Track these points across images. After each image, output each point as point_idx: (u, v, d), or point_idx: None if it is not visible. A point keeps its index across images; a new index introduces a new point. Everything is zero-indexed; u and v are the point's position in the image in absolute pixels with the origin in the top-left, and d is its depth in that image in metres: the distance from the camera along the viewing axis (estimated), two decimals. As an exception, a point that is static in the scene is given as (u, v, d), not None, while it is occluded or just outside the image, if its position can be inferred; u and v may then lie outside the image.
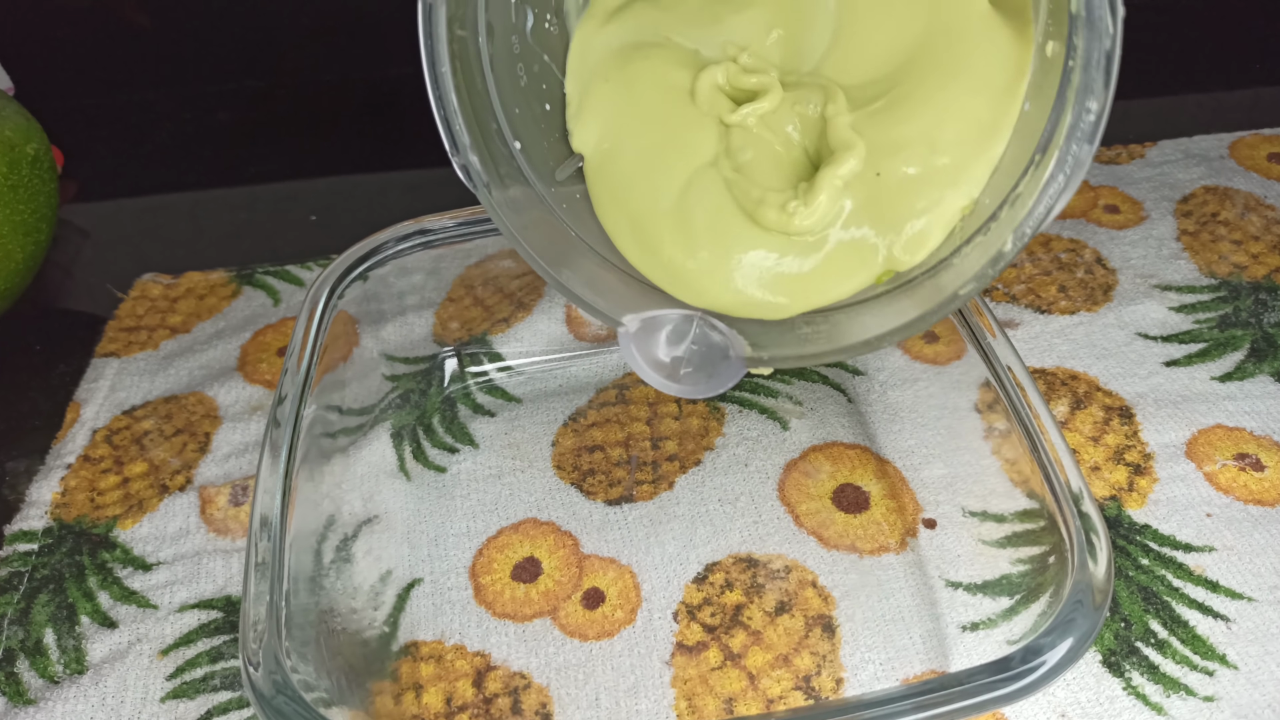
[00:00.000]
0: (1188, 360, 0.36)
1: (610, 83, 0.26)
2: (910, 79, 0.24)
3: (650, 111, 0.26)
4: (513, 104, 0.26)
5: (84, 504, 0.34)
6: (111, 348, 0.40)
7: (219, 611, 0.30)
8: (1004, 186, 0.23)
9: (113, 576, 0.32)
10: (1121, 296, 0.39)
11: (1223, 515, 0.31)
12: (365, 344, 0.34)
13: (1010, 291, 0.39)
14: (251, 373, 0.38)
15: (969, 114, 0.24)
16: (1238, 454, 0.33)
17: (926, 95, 0.24)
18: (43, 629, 0.30)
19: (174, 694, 0.28)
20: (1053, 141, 0.21)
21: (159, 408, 0.37)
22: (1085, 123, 0.19)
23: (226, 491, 0.34)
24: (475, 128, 0.25)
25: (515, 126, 0.26)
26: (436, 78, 0.24)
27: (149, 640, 0.30)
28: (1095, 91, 0.18)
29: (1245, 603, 0.29)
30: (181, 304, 0.42)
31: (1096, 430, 0.34)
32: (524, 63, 0.27)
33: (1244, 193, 0.43)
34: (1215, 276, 0.39)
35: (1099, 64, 0.18)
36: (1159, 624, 0.29)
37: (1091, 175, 0.45)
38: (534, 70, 0.27)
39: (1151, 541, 0.31)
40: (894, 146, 0.24)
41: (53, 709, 0.28)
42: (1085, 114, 0.18)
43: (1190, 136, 0.47)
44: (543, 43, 0.27)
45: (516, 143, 0.26)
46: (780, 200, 0.25)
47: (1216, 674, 0.27)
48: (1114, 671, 0.28)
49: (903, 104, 0.24)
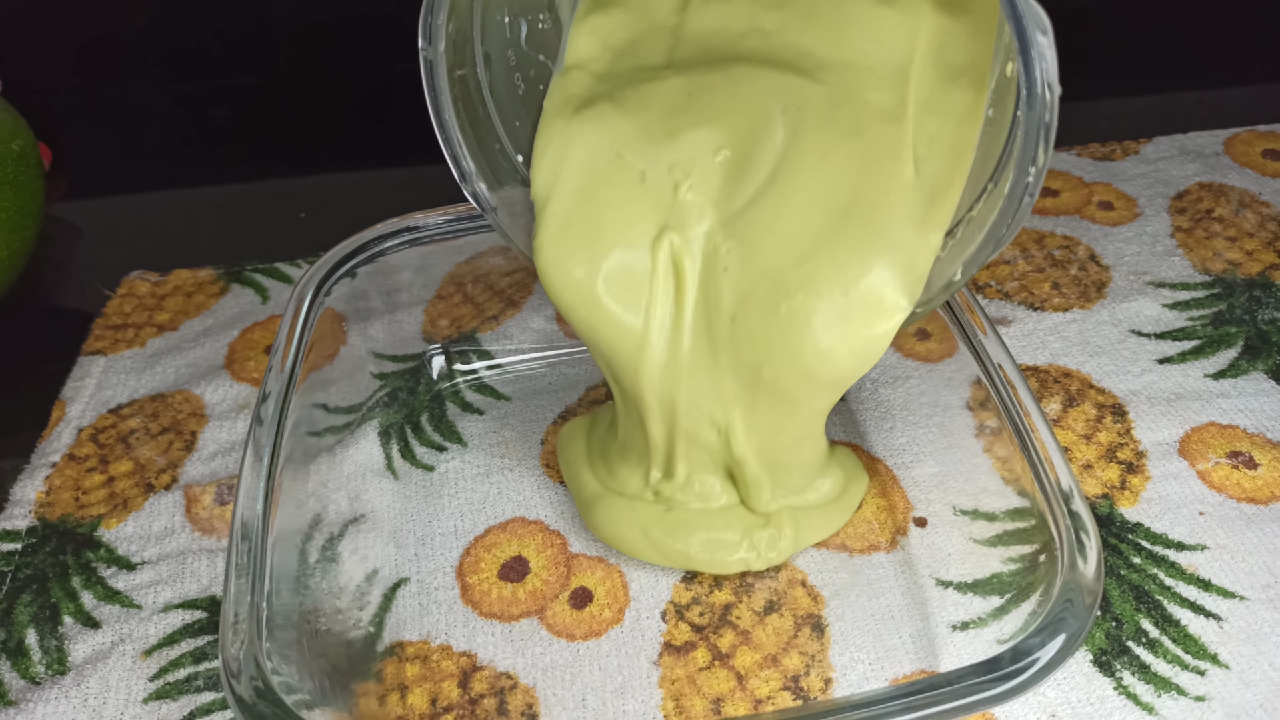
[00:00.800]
0: (1181, 358, 0.36)
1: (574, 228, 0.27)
2: (824, 249, 0.25)
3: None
4: (512, 117, 0.28)
5: (68, 503, 0.33)
6: (98, 345, 0.39)
7: (203, 612, 0.30)
8: (961, 209, 0.25)
9: (96, 576, 0.31)
10: (1115, 293, 0.39)
11: (1215, 513, 0.31)
12: (353, 342, 0.34)
13: (1003, 288, 0.39)
14: (239, 371, 0.38)
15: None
16: (1231, 452, 0.32)
17: (830, 275, 0.25)
18: (25, 629, 0.30)
19: (157, 695, 0.28)
20: (1000, 191, 0.23)
21: (145, 406, 0.37)
22: (1025, 182, 0.21)
23: (212, 491, 0.33)
24: (480, 155, 0.26)
25: (516, 139, 0.28)
26: (443, 124, 0.25)
27: (132, 641, 0.29)
28: (1036, 159, 0.20)
29: (1237, 602, 0.29)
30: (169, 301, 0.41)
31: (1089, 428, 0.34)
32: (520, 71, 0.28)
33: (1239, 189, 0.43)
34: (1209, 273, 0.39)
35: (1040, 135, 0.20)
36: (1150, 623, 0.28)
37: (1086, 171, 0.45)
38: (530, 75, 0.28)
39: (1143, 540, 0.30)
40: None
41: (33, 710, 0.28)
42: (1026, 175, 0.21)
43: (1185, 133, 0.47)
44: (538, 45, 0.28)
45: (519, 155, 0.27)
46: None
47: (1208, 674, 0.27)
48: (1105, 671, 0.27)
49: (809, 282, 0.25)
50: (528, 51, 0.28)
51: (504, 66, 0.27)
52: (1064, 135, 0.47)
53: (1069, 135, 0.48)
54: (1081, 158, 0.46)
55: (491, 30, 0.26)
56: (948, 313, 0.31)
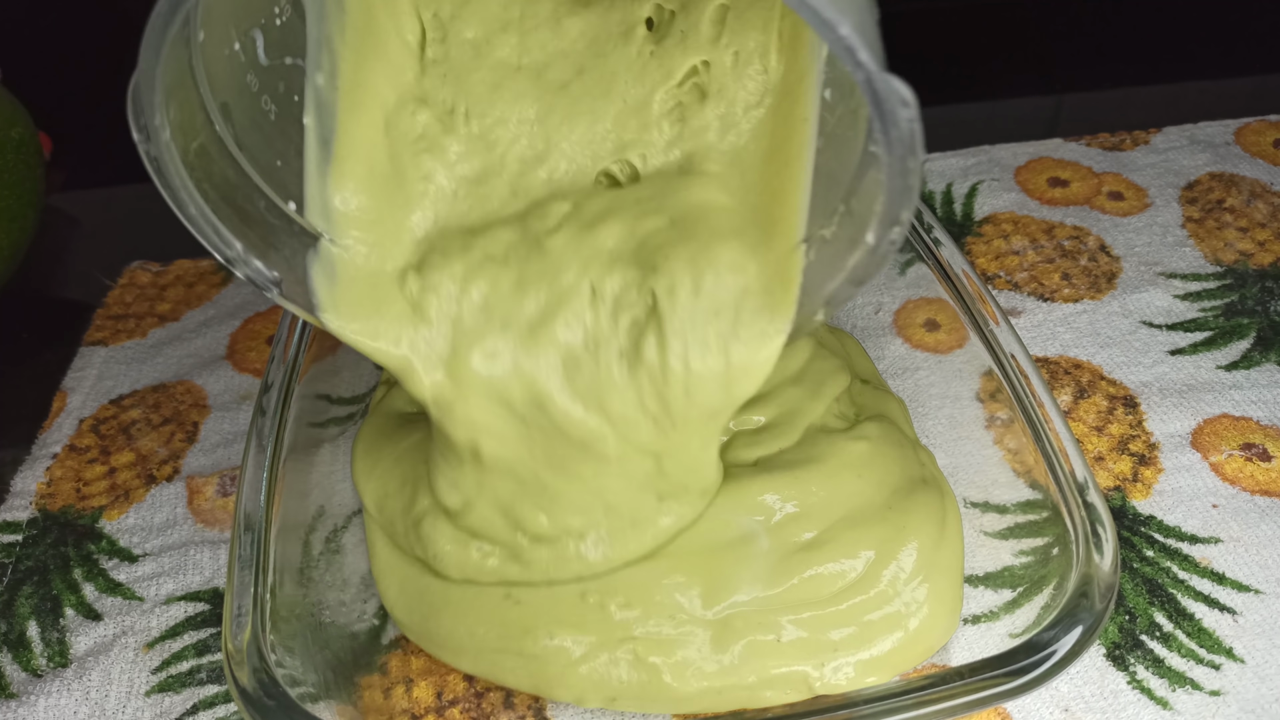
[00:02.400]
0: (1193, 349, 0.35)
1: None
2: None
3: None
4: (272, 158, 0.23)
5: (70, 494, 0.33)
6: (99, 336, 0.39)
7: (206, 604, 0.30)
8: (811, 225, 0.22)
9: (98, 568, 0.31)
10: (1126, 284, 0.38)
11: (1229, 506, 0.30)
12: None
13: (1013, 279, 0.39)
14: (241, 361, 0.38)
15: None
16: (1244, 443, 0.32)
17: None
18: (26, 621, 0.30)
19: (159, 687, 0.28)
20: (854, 219, 0.20)
21: (147, 397, 0.36)
22: (889, 240, 0.18)
23: (214, 482, 0.33)
24: (244, 226, 0.22)
25: (281, 184, 0.23)
26: (190, 218, 0.21)
27: (134, 633, 0.29)
28: (899, 219, 0.18)
29: (1252, 595, 0.28)
30: (170, 292, 0.41)
31: (1100, 420, 0.33)
32: (267, 93, 0.23)
33: (1250, 179, 0.43)
34: (1221, 264, 0.39)
35: (902, 199, 0.18)
36: (1164, 617, 0.28)
37: (1095, 162, 0.44)
38: (281, 91, 0.23)
39: (1156, 533, 0.30)
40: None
41: (35, 703, 0.27)
42: (889, 233, 0.18)
43: (1195, 123, 0.46)
44: (280, 48, 0.23)
45: (290, 203, 0.23)
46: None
47: (1223, 668, 0.27)
48: (1118, 665, 0.27)
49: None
50: (270, 64, 0.23)
51: (247, 103, 0.22)
52: (1073, 125, 0.47)
53: (1078, 125, 0.47)
54: (1091, 148, 0.45)
55: (220, 73, 0.21)
56: (958, 303, 0.30)
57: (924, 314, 0.35)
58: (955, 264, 0.31)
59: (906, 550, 0.26)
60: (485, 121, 0.25)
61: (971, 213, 0.42)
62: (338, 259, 0.23)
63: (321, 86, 0.23)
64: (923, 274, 0.32)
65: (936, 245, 0.32)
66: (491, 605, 0.26)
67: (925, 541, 0.26)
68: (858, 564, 0.26)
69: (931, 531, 0.26)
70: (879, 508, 0.27)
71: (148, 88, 0.18)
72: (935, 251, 0.31)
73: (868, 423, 0.30)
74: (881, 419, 0.30)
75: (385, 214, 0.24)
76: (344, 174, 0.23)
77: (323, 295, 0.23)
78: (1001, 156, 0.45)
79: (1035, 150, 0.45)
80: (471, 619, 0.26)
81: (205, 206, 0.21)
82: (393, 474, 0.29)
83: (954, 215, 0.42)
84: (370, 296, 0.24)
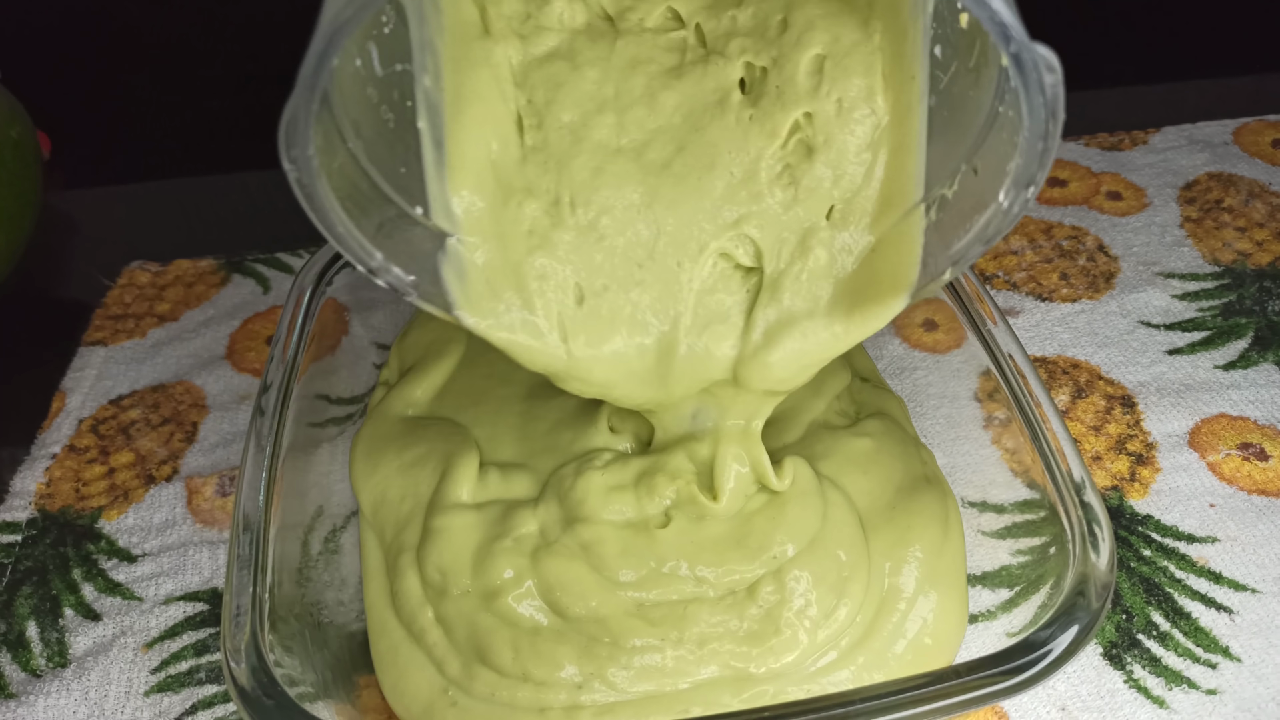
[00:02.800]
0: (1191, 349, 0.36)
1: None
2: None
3: None
4: (397, 166, 0.23)
5: (69, 494, 0.33)
6: (99, 336, 0.39)
7: (205, 604, 0.30)
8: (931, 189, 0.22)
9: (97, 568, 0.31)
10: (1124, 284, 0.38)
11: (1226, 506, 0.31)
12: (355, 331, 0.34)
13: (1011, 279, 0.39)
14: (240, 361, 0.38)
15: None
16: (1241, 443, 0.32)
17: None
18: (25, 621, 0.30)
19: (158, 687, 0.28)
20: (982, 180, 0.20)
21: (146, 397, 0.36)
22: (1024, 198, 0.19)
23: (214, 482, 0.33)
24: (380, 236, 0.22)
25: (409, 189, 0.23)
26: (339, 237, 0.21)
27: (133, 633, 0.29)
28: (1035, 179, 0.18)
29: (1249, 594, 0.28)
30: (170, 292, 0.41)
31: (1098, 419, 0.33)
32: (385, 103, 0.23)
33: (1248, 179, 0.43)
34: (1219, 264, 0.39)
35: (1040, 156, 0.18)
36: (1161, 616, 0.28)
37: (1094, 162, 0.44)
38: (395, 98, 0.24)
39: (1154, 532, 0.30)
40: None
41: (34, 703, 0.27)
42: (1024, 193, 0.19)
43: (1194, 123, 0.46)
44: (391, 55, 0.23)
45: (417, 208, 0.23)
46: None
47: (1220, 667, 0.27)
48: (1115, 664, 0.27)
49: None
50: (384, 74, 0.23)
51: (370, 116, 0.23)
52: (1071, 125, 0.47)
53: (1076, 125, 0.47)
54: (1089, 148, 0.45)
55: (348, 91, 0.21)
56: (956, 303, 0.30)
57: (922, 313, 0.35)
58: (953, 264, 0.31)
59: (911, 556, 0.26)
60: (590, 211, 0.25)
61: (970, 212, 0.42)
62: (465, 258, 0.23)
63: (429, 88, 0.23)
64: (920, 274, 0.32)
65: (934, 245, 0.32)
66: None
67: (929, 545, 0.26)
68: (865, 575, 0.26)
69: (936, 535, 0.27)
70: (884, 508, 0.27)
71: (305, 121, 0.19)
72: (933, 251, 0.32)
73: (869, 420, 0.30)
74: (883, 416, 0.30)
75: (500, 215, 0.24)
76: (459, 180, 0.23)
77: (456, 293, 0.23)
78: (1000, 156, 0.45)
79: (1033, 150, 0.45)
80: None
81: (350, 224, 0.21)
82: (393, 483, 0.29)
83: (952, 215, 0.42)
84: (498, 291, 0.24)
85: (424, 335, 0.34)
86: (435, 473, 0.28)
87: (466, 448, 0.28)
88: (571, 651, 0.24)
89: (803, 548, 0.26)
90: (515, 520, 0.26)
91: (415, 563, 0.27)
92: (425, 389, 0.32)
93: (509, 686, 0.25)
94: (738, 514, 0.26)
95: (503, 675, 0.25)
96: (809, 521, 0.26)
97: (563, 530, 0.26)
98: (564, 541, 0.26)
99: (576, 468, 0.27)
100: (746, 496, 0.26)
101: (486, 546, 0.26)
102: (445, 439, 0.29)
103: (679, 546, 0.26)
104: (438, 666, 0.25)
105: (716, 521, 0.26)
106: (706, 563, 0.25)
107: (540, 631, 0.25)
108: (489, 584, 0.25)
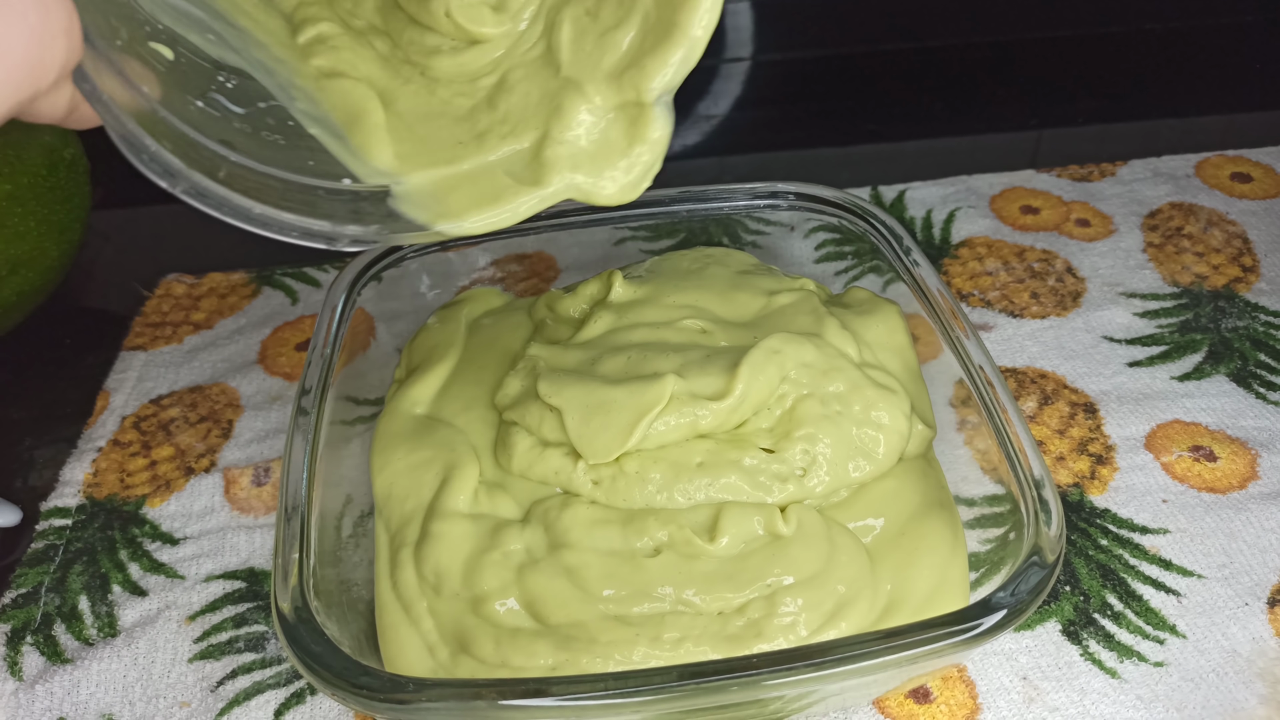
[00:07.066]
0: (1150, 361, 0.39)
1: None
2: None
3: None
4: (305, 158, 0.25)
5: (114, 484, 0.36)
6: (139, 341, 0.42)
7: (242, 582, 0.33)
8: None
9: (142, 550, 0.34)
10: (1090, 303, 0.41)
11: (1177, 501, 0.33)
12: (381, 338, 0.37)
13: (985, 297, 0.42)
14: (271, 365, 0.40)
15: None
16: (1193, 446, 0.35)
17: None
18: (77, 596, 0.32)
19: (201, 655, 0.31)
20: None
21: (184, 397, 0.39)
22: None
23: (249, 473, 0.36)
24: (325, 211, 0.24)
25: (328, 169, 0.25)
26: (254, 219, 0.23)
27: (177, 607, 0.32)
28: None
29: (1195, 579, 0.31)
30: (204, 302, 0.44)
31: (1062, 424, 0.36)
32: (263, 130, 0.25)
33: (1208, 209, 0.46)
34: (1178, 285, 0.42)
35: None
36: (1115, 598, 0.31)
37: (1065, 191, 0.48)
38: (272, 124, 0.25)
39: (1111, 524, 0.33)
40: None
41: (89, 667, 0.30)
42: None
43: (1159, 156, 0.50)
44: (246, 100, 0.25)
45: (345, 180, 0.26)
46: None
47: (1167, 642, 0.30)
48: (1073, 640, 0.30)
49: None
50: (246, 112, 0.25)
51: (250, 140, 0.24)
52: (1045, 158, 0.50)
53: (1050, 158, 0.51)
54: (1061, 178, 0.48)
55: (202, 123, 0.24)
56: (933, 318, 0.33)
57: (902, 327, 0.38)
58: (930, 283, 0.34)
59: (916, 577, 0.28)
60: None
61: (949, 237, 0.45)
62: (412, 185, 0.26)
63: (305, 109, 0.26)
64: (901, 292, 0.35)
65: (914, 266, 0.34)
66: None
67: (935, 565, 0.28)
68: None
69: (942, 557, 0.28)
70: (894, 536, 0.29)
71: (138, 144, 0.23)
72: (913, 272, 0.34)
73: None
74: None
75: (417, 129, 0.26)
76: (375, 151, 0.26)
77: (422, 216, 0.25)
78: (978, 186, 0.48)
79: (1010, 180, 0.48)
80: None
81: (269, 210, 0.23)
82: (399, 480, 0.31)
83: (933, 239, 0.45)
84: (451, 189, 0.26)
85: (428, 339, 0.36)
86: (437, 478, 0.30)
87: (467, 459, 0.30)
88: (548, 647, 0.26)
89: (802, 579, 0.27)
90: (503, 536, 0.28)
91: (413, 559, 0.28)
92: (427, 389, 0.33)
93: (488, 671, 0.26)
94: (736, 554, 0.27)
95: (484, 664, 0.26)
96: (811, 562, 0.27)
97: (547, 553, 0.28)
98: (549, 562, 0.27)
99: (563, 500, 0.29)
100: (745, 542, 0.27)
101: (477, 558, 0.28)
102: (449, 448, 0.31)
103: (667, 576, 0.27)
104: (429, 650, 0.27)
105: (710, 559, 0.27)
106: (696, 591, 0.26)
107: (521, 631, 0.27)
108: (477, 592, 0.27)
